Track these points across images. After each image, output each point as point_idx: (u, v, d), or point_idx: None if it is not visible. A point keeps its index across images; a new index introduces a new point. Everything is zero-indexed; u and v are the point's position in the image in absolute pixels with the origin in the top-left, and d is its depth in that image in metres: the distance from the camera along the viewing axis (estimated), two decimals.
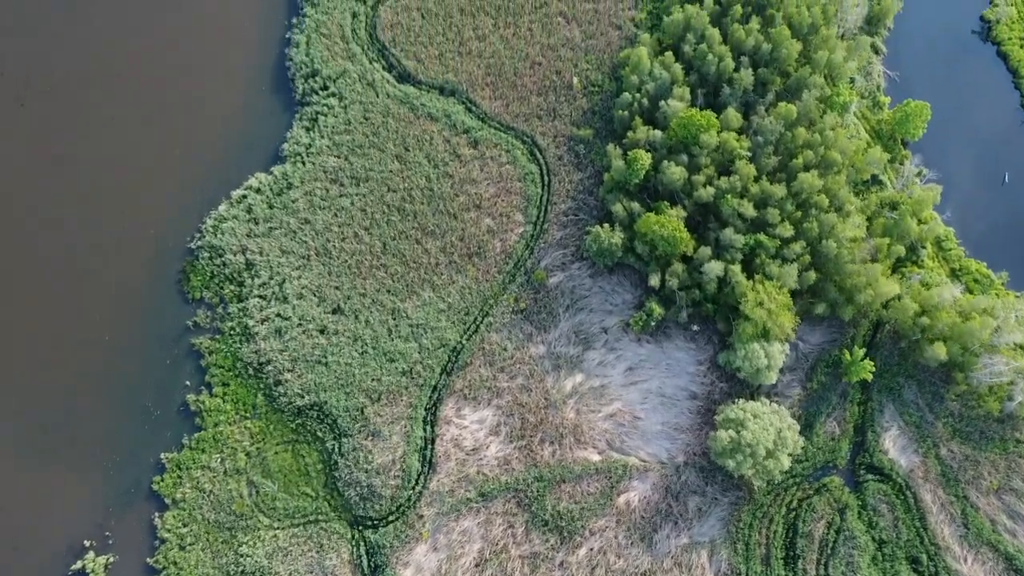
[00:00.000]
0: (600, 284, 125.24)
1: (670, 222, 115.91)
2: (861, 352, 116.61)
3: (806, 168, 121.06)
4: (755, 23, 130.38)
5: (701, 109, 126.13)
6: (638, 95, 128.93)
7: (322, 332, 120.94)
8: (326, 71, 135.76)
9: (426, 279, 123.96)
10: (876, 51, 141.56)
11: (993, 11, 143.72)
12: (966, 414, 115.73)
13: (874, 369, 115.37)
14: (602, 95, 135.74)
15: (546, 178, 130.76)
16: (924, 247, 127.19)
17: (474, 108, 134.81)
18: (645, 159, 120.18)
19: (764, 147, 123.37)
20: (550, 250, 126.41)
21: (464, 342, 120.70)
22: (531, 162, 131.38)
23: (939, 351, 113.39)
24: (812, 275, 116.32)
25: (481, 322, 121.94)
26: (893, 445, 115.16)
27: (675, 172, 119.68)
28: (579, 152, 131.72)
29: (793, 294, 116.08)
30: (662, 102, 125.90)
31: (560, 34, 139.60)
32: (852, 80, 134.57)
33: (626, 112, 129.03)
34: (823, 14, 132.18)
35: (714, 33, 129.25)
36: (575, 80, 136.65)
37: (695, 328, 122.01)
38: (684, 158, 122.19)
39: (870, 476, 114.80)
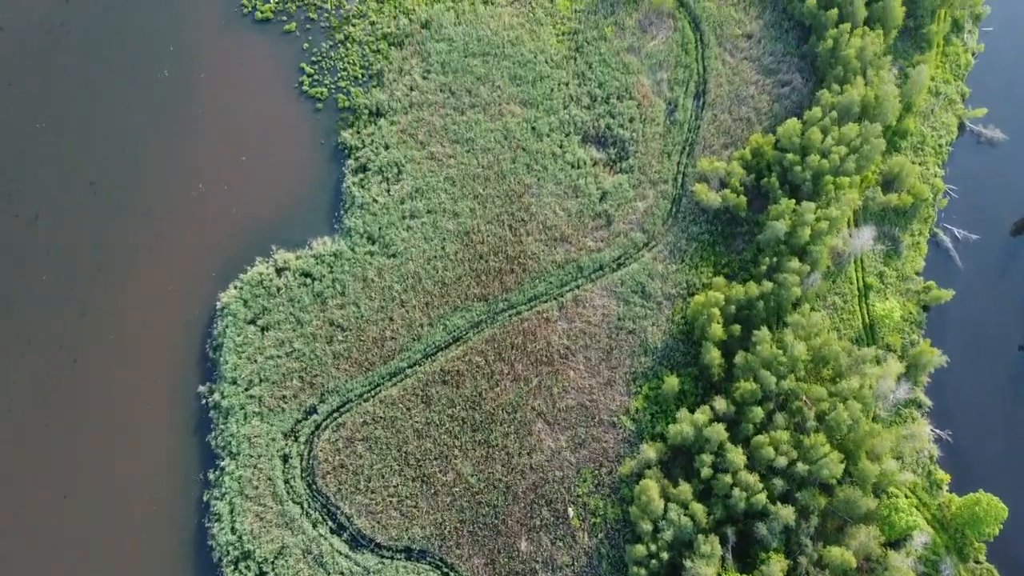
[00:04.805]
0: None
1: None
2: None
3: None
4: (783, 432, 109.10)
5: (734, 559, 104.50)
6: (653, 546, 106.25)
7: None
8: (260, 551, 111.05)
9: None
10: (919, 405, 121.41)
11: None
12: None
13: None
14: (606, 528, 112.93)
15: None
16: None
17: (452, 572, 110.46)
18: None
19: None
20: None
21: None
22: None
23: None
24: None
25: None
26: None
27: None
28: None
29: None
30: (687, 561, 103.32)
31: (543, 446, 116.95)
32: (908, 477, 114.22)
33: (643, 570, 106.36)
34: (860, 402, 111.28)
35: (736, 455, 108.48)
36: (571, 511, 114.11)
37: None
38: None
39: None
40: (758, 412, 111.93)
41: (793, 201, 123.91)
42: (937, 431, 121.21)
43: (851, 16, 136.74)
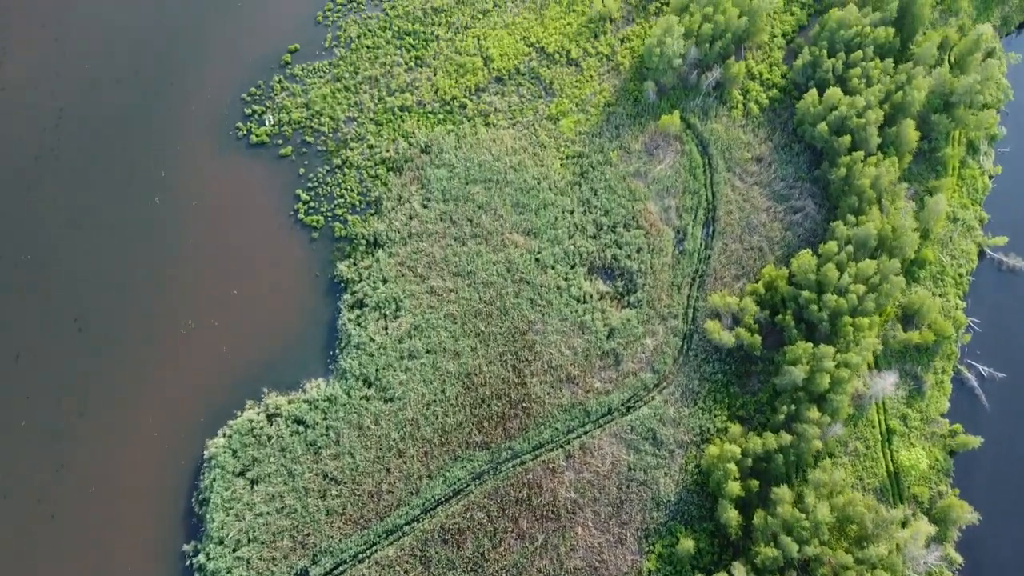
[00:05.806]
0: None
1: None
2: None
3: None
4: None
5: None
6: None
7: None
8: None
9: None
10: (950, 563, 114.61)
11: None
12: None
13: None
14: None
15: None
16: None
17: None
18: None
19: None
20: None
21: None
22: None
23: None
24: None
25: None
26: None
27: None
28: None
29: None
30: None
31: None
32: None
33: None
34: (888, 571, 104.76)
35: None
36: None
37: None
38: None
39: None
40: None
41: (810, 344, 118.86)
42: None
43: (864, 142, 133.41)
